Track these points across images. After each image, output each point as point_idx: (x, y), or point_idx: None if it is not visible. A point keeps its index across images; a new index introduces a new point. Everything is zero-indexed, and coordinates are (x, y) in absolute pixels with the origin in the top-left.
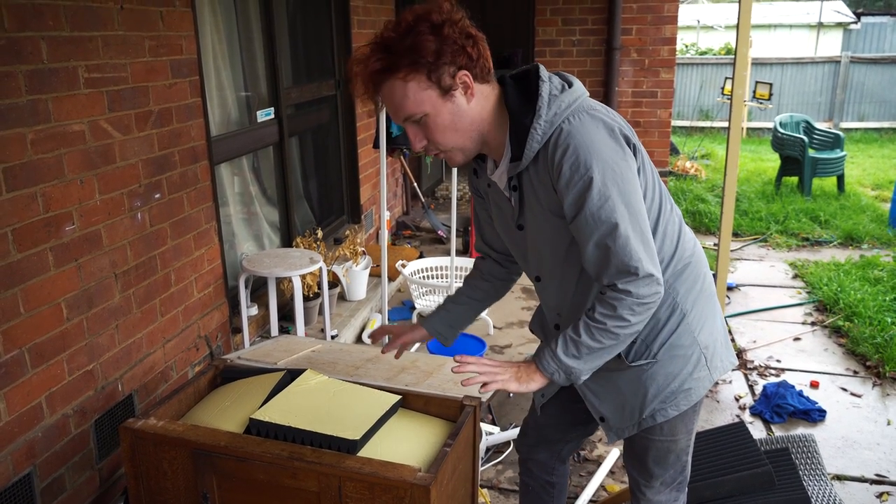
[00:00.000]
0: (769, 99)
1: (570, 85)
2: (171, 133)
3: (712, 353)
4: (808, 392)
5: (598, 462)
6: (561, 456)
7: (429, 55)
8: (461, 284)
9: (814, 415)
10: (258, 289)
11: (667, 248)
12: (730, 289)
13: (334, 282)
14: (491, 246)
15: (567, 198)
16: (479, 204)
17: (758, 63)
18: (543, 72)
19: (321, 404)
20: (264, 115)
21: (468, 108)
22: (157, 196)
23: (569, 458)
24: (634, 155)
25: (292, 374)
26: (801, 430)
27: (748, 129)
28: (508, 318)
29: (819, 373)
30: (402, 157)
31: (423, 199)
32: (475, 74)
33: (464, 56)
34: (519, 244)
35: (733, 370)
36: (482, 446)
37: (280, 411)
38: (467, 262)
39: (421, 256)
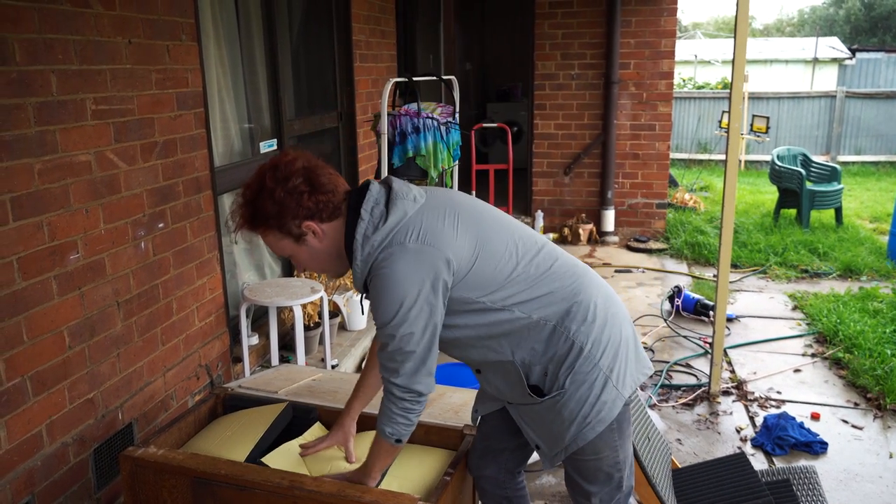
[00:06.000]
0: (766, 132)
1: (389, 214)
2: (175, 163)
3: (618, 372)
4: (809, 424)
5: None
6: (508, 467)
7: (271, 218)
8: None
9: (815, 447)
10: (259, 318)
11: (536, 293)
12: (730, 320)
13: (335, 311)
14: None
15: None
16: None
17: (755, 97)
18: (367, 200)
19: (327, 454)
20: (267, 146)
21: (322, 247)
22: (161, 225)
23: (517, 470)
24: (467, 245)
25: (296, 409)
26: (802, 463)
27: (746, 161)
28: None
29: (820, 404)
30: None
31: None
32: (321, 218)
33: (303, 209)
34: None
35: (734, 401)
36: None
37: (285, 459)
38: None
39: None
